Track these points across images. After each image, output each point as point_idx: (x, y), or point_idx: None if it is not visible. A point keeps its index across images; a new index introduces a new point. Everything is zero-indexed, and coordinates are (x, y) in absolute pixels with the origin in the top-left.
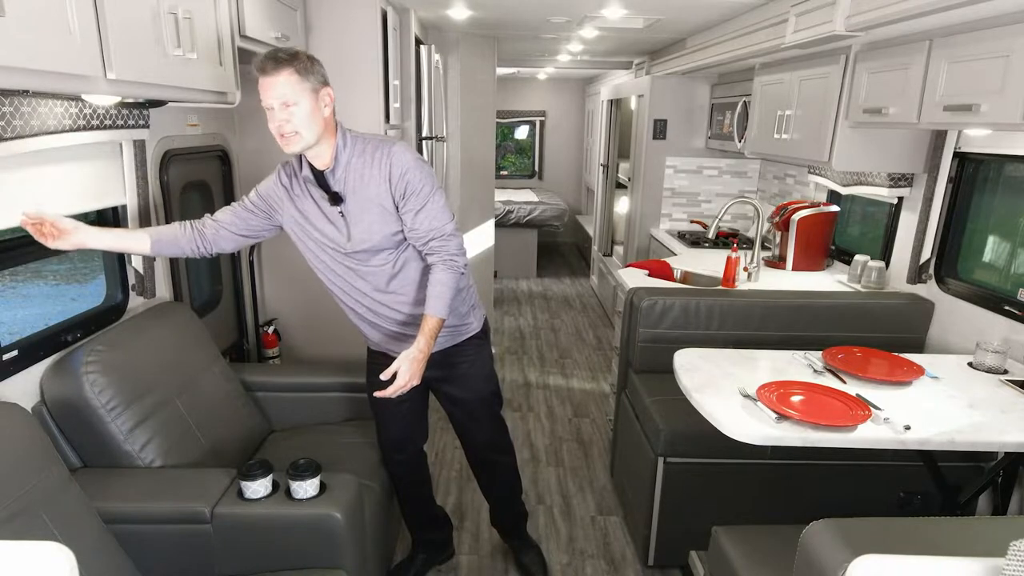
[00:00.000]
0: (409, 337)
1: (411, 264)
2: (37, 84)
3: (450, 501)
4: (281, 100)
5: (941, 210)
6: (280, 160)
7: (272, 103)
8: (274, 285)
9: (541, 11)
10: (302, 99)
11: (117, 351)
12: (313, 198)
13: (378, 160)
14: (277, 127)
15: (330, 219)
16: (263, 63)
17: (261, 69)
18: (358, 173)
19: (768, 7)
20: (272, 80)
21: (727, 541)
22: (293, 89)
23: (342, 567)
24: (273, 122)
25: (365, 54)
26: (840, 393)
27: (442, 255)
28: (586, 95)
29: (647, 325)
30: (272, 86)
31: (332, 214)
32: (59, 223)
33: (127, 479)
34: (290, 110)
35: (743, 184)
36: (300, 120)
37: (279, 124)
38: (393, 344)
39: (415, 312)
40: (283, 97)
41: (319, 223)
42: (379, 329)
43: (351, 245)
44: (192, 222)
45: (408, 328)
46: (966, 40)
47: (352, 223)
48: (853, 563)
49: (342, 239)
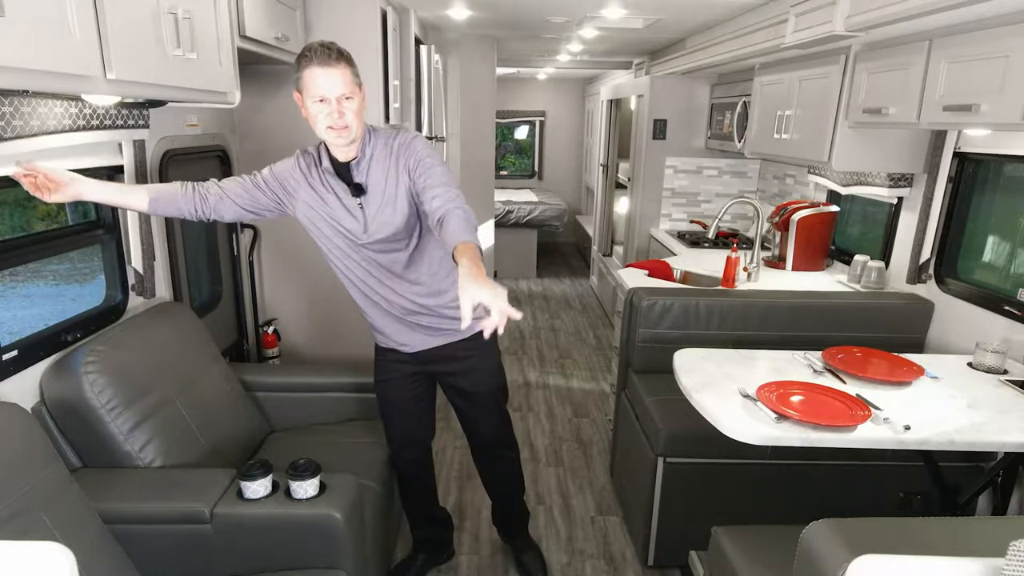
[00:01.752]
0: (420, 328)
1: (425, 252)
2: (37, 84)
3: (450, 501)
4: (340, 93)
5: (941, 210)
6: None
7: (329, 95)
8: (274, 285)
9: (541, 11)
10: (355, 94)
11: (117, 351)
12: (332, 189)
13: (396, 151)
14: (331, 119)
15: (349, 210)
16: (324, 54)
17: (322, 60)
18: (381, 166)
19: (768, 7)
20: (332, 72)
21: (727, 541)
22: (350, 84)
23: (342, 567)
24: (324, 113)
25: (365, 54)
26: (840, 393)
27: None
28: (586, 95)
29: (647, 325)
30: (331, 78)
31: (351, 205)
32: (53, 175)
33: (127, 479)
34: (345, 104)
35: (743, 184)
36: (352, 114)
37: (335, 116)
38: (403, 335)
39: (427, 302)
40: (342, 90)
41: (337, 213)
42: (391, 317)
43: (367, 236)
44: (195, 184)
45: (420, 318)
46: (966, 40)
47: (370, 215)
48: (853, 563)
49: (359, 229)
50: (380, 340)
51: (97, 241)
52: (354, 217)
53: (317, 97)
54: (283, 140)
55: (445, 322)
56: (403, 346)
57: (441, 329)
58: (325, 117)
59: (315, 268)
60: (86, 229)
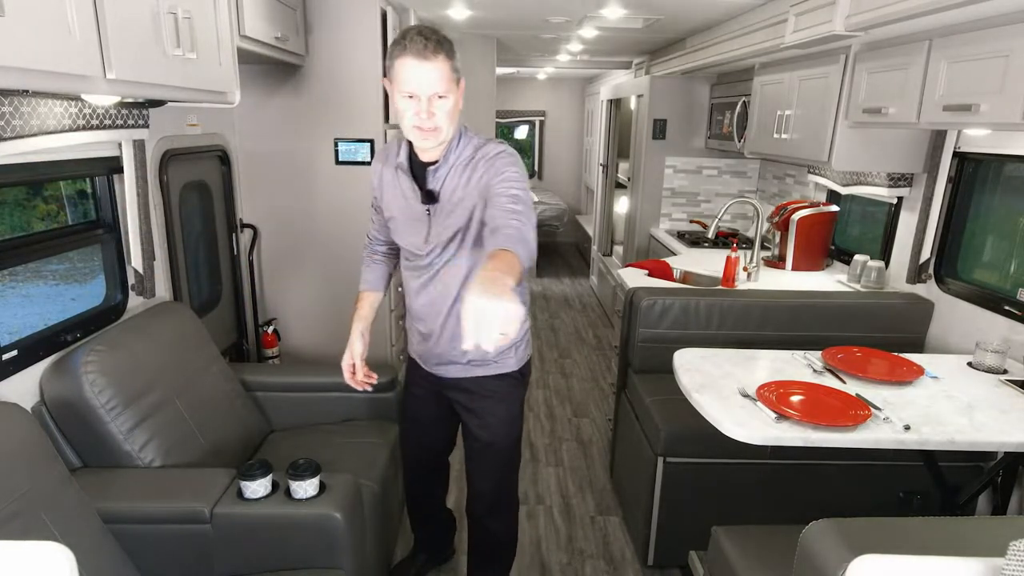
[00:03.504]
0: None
1: None
2: (37, 84)
3: (450, 501)
4: (433, 91)
5: (941, 210)
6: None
7: (420, 92)
8: (274, 285)
9: (541, 11)
10: (451, 92)
11: (117, 351)
12: (401, 188)
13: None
14: (419, 119)
15: (413, 215)
16: (421, 44)
17: (417, 51)
18: (463, 177)
19: (768, 7)
20: (427, 67)
21: (727, 541)
22: (446, 80)
23: (342, 567)
24: (412, 111)
25: (365, 54)
26: (840, 393)
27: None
28: (586, 95)
29: (647, 325)
30: (425, 73)
31: (417, 211)
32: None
33: (127, 479)
34: (437, 103)
35: (743, 184)
36: (444, 115)
37: (423, 116)
38: (431, 361)
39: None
40: (436, 88)
41: (401, 216)
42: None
43: (427, 247)
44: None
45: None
46: (965, 40)
47: (435, 225)
48: (853, 563)
49: (419, 240)
50: (412, 350)
51: (97, 241)
52: (417, 223)
53: (407, 92)
54: (283, 140)
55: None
56: (434, 371)
57: (472, 363)
58: (413, 116)
59: (315, 268)
60: (86, 229)
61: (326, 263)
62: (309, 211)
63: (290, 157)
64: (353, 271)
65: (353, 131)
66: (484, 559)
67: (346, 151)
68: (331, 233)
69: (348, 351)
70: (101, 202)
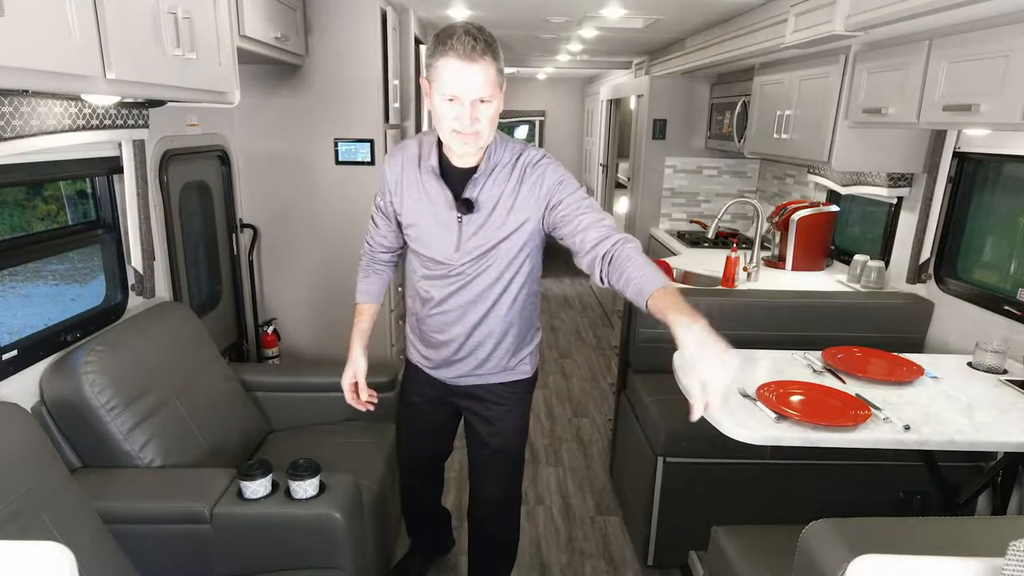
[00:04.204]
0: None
1: (509, 299)
2: (36, 84)
3: (449, 501)
4: (477, 96)
5: (940, 210)
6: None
7: (463, 96)
8: (274, 285)
9: (541, 11)
10: (495, 97)
11: (117, 351)
12: (427, 193)
13: (523, 169)
14: (460, 123)
15: (440, 223)
16: (468, 45)
17: (463, 53)
18: (499, 183)
19: (768, 7)
20: (472, 69)
21: (727, 541)
22: (491, 84)
23: (342, 567)
24: (452, 115)
25: (365, 54)
26: (840, 393)
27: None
28: (586, 95)
29: (647, 325)
30: (471, 76)
31: (445, 218)
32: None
33: (127, 479)
34: (480, 108)
35: (742, 184)
36: (487, 120)
37: (465, 121)
38: (428, 364)
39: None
40: (480, 92)
41: (425, 223)
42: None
43: (458, 256)
44: (378, 263)
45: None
46: (965, 40)
47: (467, 233)
48: (853, 563)
49: (449, 249)
50: (414, 357)
51: (97, 241)
52: (449, 231)
53: (448, 95)
54: (283, 140)
55: (495, 363)
56: (435, 370)
57: (487, 369)
58: (453, 120)
59: (315, 268)
60: (86, 229)
61: (326, 263)
62: (309, 211)
63: (290, 157)
64: (353, 271)
65: (353, 131)
66: (487, 560)
67: (346, 151)
68: (331, 233)
69: (350, 368)
70: (101, 202)
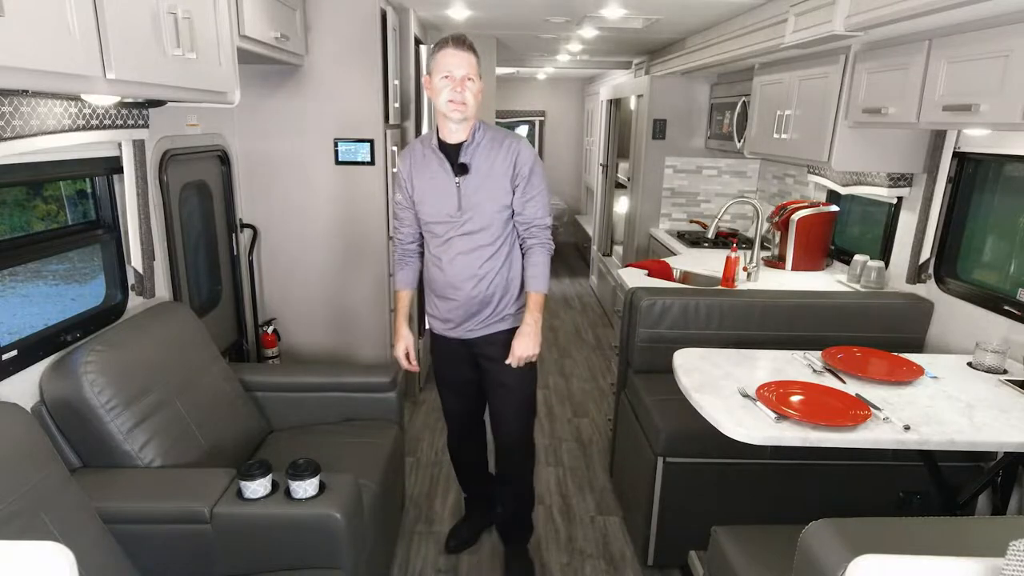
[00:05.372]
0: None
1: (503, 256)
2: (37, 84)
3: (449, 500)
4: (464, 74)
5: (940, 210)
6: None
7: (455, 73)
8: (274, 285)
9: (541, 11)
10: (476, 80)
11: (116, 351)
12: (433, 165)
13: (507, 147)
14: (454, 93)
15: (444, 188)
16: (458, 40)
17: (456, 45)
18: (486, 153)
19: (767, 7)
20: (463, 56)
21: (727, 541)
22: (473, 69)
23: (342, 567)
24: (448, 88)
25: (365, 54)
26: (840, 393)
27: (540, 239)
28: (586, 95)
29: (646, 325)
30: (462, 60)
31: (447, 184)
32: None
33: (126, 479)
34: (468, 84)
35: (742, 184)
36: (471, 94)
37: (457, 91)
38: (448, 327)
39: (496, 294)
40: (466, 71)
41: (432, 189)
42: (456, 303)
43: (460, 214)
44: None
45: (471, 319)
46: (965, 40)
47: (465, 194)
48: (853, 563)
49: (452, 208)
50: (437, 328)
51: (97, 241)
52: (448, 193)
53: (444, 74)
54: (283, 140)
55: (501, 313)
56: (454, 330)
57: (495, 321)
58: (448, 92)
59: (315, 268)
60: (86, 229)
61: (326, 263)
62: (309, 211)
63: (290, 157)
64: (353, 271)
65: (353, 131)
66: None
67: (346, 151)
68: (331, 233)
69: (401, 342)
70: (101, 202)
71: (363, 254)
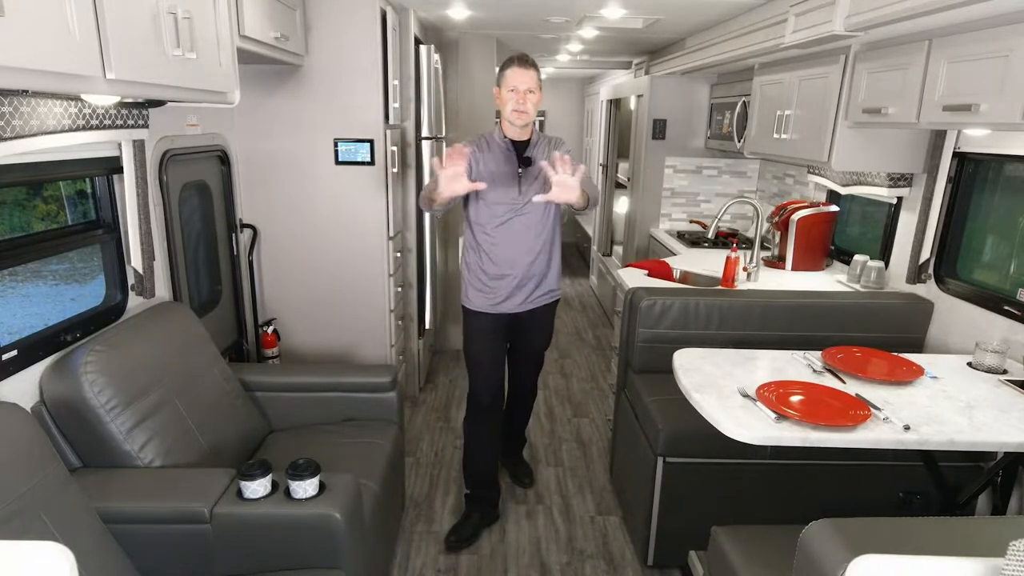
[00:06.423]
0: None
1: (550, 237)
2: (36, 84)
3: (449, 500)
4: (527, 87)
5: (940, 210)
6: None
7: (520, 87)
8: (274, 285)
9: (540, 11)
10: (536, 92)
11: (116, 351)
12: (502, 158)
13: (554, 145)
14: (518, 104)
15: (508, 176)
16: (523, 60)
17: (521, 64)
18: (541, 150)
19: (767, 7)
20: (525, 73)
21: (726, 541)
22: (535, 84)
23: (342, 567)
24: (513, 100)
25: (365, 54)
26: (839, 393)
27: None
28: (585, 95)
29: (646, 325)
30: (524, 76)
31: (511, 173)
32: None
33: (126, 479)
34: (528, 96)
35: (742, 184)
36: (531, 104)
37: (521, 102)
38: (496, 301)
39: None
40: (529, 85)
41: (500, 178)
42: (501, 282)
43: (521, 197)
44: None
45: (520, 291)
46: (965, 40)
47: (524, 182)
48: (853, 563)
49: (514, 192)
50: (477, 304)
51: (97, 241)
52: (512, 180)
53: (510, 88)
54: (283, 140)
55: (545, 288)
56: (502, 304)
57: (540, 295)
58: (513, 102)
59: (315, 268)
60: (86, 229)
61: (326, 263)
62: (309, 211)
63: (290, 157)
64: (353, 271)
65: (353, 131)
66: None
67: (346, 151)
68: (331, 233)
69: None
70: (101, 202)
71: (363, 254)
